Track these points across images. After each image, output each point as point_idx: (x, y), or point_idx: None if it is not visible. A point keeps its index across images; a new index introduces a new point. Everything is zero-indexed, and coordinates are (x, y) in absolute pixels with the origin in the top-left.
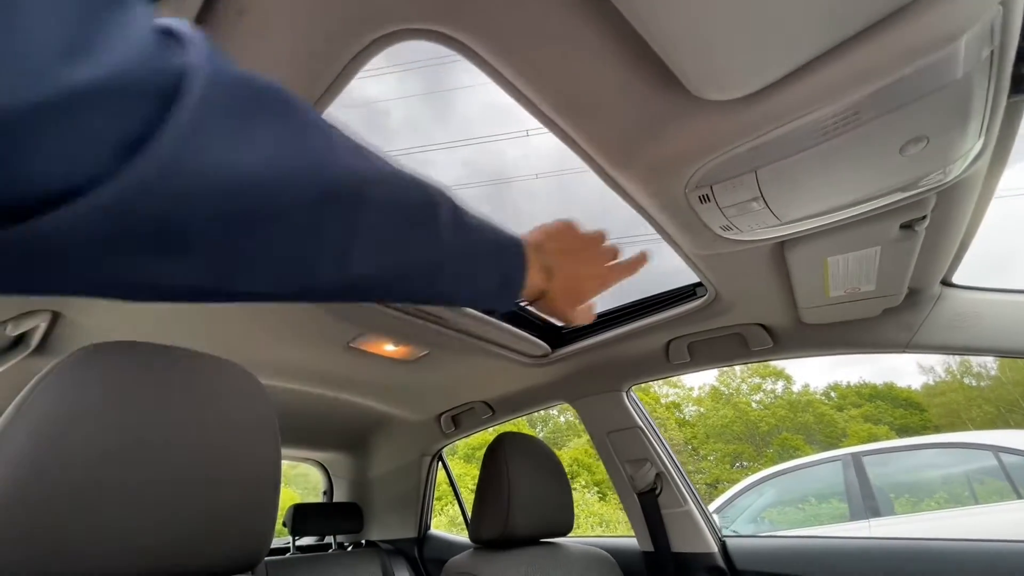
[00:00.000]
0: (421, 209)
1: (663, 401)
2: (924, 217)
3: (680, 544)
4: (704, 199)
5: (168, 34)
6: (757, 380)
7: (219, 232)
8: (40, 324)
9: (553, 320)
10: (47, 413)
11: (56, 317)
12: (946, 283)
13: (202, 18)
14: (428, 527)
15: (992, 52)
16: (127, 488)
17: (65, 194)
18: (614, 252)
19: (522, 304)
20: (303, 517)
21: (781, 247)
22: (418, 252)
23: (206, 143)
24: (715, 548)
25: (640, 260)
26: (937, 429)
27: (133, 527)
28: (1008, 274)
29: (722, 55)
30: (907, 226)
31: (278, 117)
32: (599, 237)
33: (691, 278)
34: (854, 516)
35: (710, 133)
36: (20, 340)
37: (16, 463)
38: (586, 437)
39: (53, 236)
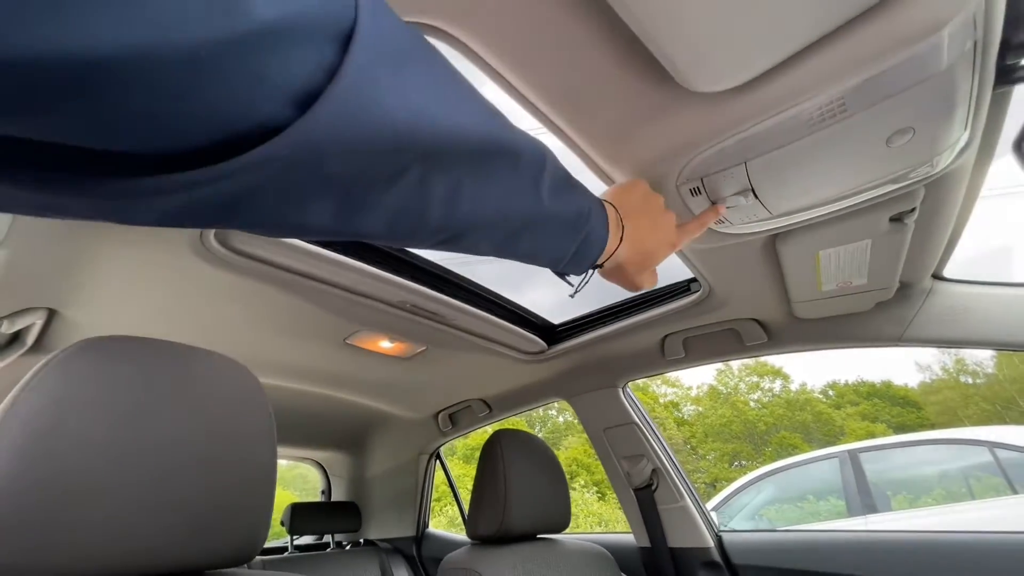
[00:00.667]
0: (533, 171)
1: (662, 400)
2: (913, 210)
3: (676, 539)
4: (695, 192)
5: None
6: (755, 379)
7: (357, 180)
8: (36, 322)
9: (621, 286)
10: (41, 407)
11: (52, 314)
12: (937, 276)
13: None
14: (426, 526)
15: (975, 43)
16: (120, 482)
17: (237, 143)
18: (673, 215)
19: (594, 267)
20: (301, 516)
21: (773, 242)
22: (521, 211)
23: (370, 91)
24: (711, 543)
25: (712, 213)
26: (934, 427)
27: (125, 520)
28: None
29: (710, 46)
30: (897, 219)
31: (427, 68)
32: (662, 199)
33: (685, 274)
34: (852, 512)
35: (700, 125)
36: (16, 338)
37: (8, 457)
38: (585, 436)
39: (218, 184)
